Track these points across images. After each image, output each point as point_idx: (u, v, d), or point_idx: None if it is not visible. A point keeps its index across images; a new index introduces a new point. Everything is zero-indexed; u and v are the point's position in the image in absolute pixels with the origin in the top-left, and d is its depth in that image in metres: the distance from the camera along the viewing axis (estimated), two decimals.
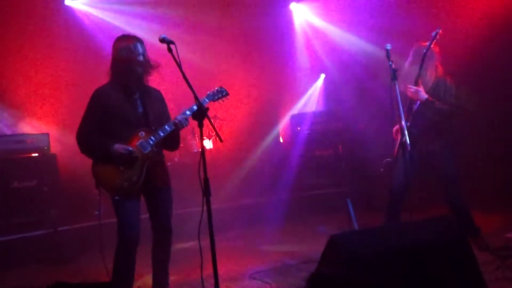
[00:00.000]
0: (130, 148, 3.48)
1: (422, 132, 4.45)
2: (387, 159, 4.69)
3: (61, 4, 7.14)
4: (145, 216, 3.74)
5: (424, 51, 4.32)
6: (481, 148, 6.37)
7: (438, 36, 4.27)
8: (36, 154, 5.89)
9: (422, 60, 4.32)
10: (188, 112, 3.58)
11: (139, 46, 3.57)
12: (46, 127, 6.70)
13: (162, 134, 3.56)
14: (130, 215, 3.53)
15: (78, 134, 3.58)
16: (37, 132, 6.31)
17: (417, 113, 4.43)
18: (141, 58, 3.56)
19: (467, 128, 6.21)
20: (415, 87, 4.38)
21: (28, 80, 6.90)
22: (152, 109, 3.64)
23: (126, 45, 3.55)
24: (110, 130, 3.54)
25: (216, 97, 3.75)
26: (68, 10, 7.22)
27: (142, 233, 3.64)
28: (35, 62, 6.89)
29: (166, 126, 3.57)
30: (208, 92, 3.74)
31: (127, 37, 3.63)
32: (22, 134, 6.16)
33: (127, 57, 3.52)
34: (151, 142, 3.54)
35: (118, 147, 3.46)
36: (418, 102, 4.41)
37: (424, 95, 4.36)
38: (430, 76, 4.48)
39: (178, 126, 3.57)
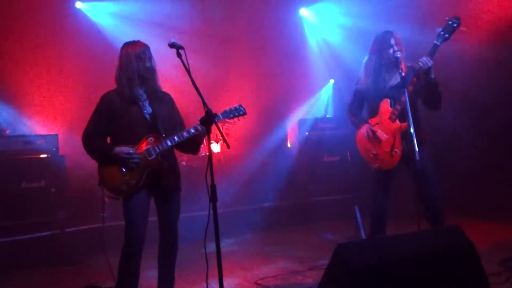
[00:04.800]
0: (131, 151, 3.48)
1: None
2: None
3: (71, 8, 7.21)
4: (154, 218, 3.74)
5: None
6: (496, 157, 6.25)
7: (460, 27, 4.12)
8: (45, 155, 5.88)
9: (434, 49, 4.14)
10: (192, 130, 3.55)
11: (147, 52, 3.59)
12: (55, 128, 6.74)
13: (169, 144, 3.54)
14: (134, 215, 3.52)
15: (83, 135, 3.61)
16: (46, 133, 6.34)
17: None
18: (149, 64, 3.57)
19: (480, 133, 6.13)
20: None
21: (39, 82, 6.96)
22: (161, 114, 3.63)
23: (135, 51, 3.55)
24: (118, 135, 3.56)
25: (231, 115, 3.68)
26: (78, 13, 7.29)
27: (151, 235, 3.64)
28: (45, 64, 6.96)
29: (175, 137, 3.55)
30: (226, 109, 3.68)
31: (135, 43, 3.63)
32: (31, 135, 6.16)
33: (136, 63, 3.53)
34: (157, 150, 3.52)
35: (119, 150, 3.47)
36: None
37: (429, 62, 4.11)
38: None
39: (195, 136, 3.56)
